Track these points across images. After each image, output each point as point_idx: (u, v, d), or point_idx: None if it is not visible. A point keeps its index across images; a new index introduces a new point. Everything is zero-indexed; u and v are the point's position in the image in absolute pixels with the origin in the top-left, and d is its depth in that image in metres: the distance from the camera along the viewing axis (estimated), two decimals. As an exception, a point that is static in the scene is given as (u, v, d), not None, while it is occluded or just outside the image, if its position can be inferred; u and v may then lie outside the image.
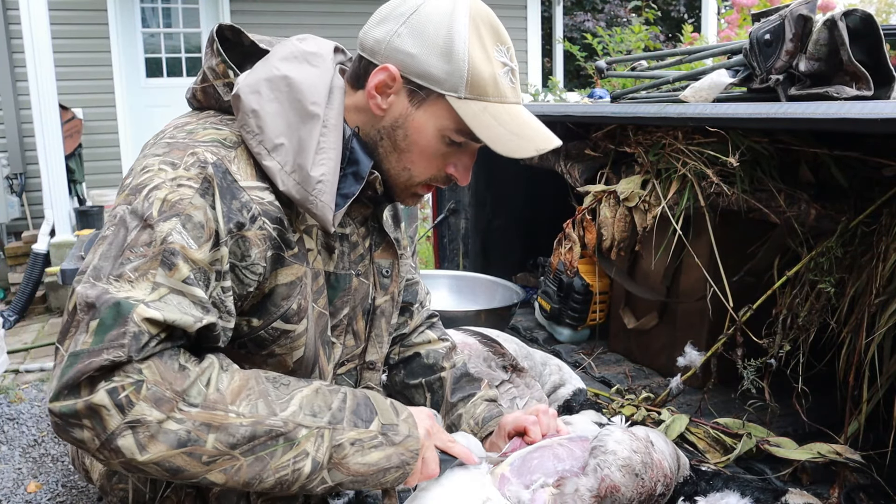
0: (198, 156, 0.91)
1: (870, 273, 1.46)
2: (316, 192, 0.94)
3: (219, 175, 0.90)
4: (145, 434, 0.80)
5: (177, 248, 0.85)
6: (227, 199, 0.90)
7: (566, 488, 1.06)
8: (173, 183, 0.89)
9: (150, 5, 6.85)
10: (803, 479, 1.39)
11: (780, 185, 1.65)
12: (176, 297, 0.84)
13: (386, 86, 0.99)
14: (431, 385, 1.36)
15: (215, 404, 0.84)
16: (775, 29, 1.46)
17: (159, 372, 0.81)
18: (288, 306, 0.99)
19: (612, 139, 2.09)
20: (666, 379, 1.85)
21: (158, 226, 0.86)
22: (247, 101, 0.94)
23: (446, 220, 2.69)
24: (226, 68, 1.01)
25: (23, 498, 2.65)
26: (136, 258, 0.85)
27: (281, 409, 0.88)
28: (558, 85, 5.21)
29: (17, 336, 4.56)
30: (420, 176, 1.05)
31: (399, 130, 1.01)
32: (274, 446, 0.87)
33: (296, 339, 1.02)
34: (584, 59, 4.97)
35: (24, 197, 6.10)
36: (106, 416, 0.79)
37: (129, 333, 0.80)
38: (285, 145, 0.94)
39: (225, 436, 0.84)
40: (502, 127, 0.98)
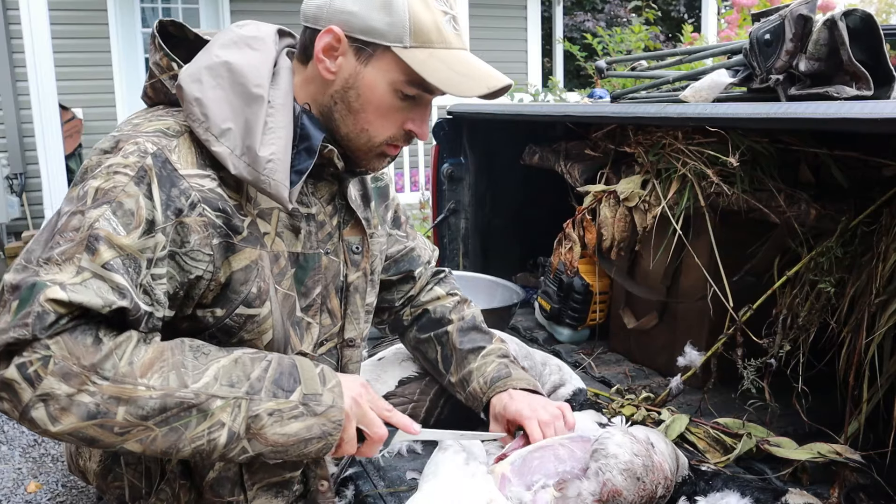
0: (139, 145, 0.94)
1: (870, 273, 1.46)
2: (267, 171, 0.96)
3: (158, 164, 0.92)
4: (56, 407, 0.84)
5: (101, 234, 0.88)
6: (165, 187, 0.92)
7: (568, 491, 1.06)
8: (108, 171, 0.92)
9: (150, 5, 6.85)
10: (803, 479, 1.39)
11: (780, 185, 1.65)
12: (96, 282, 0.86)
13: (332, 48, 1.00)
14: (440, 338, 1.38)
15: (125, 378, 0.86)
16: (775, 29, 1.46)
17: (67, 348, 0.84)
18: (248, 290, 1.00)
19: (612, 139, 2.09)
20: (666, 379, 1.85)
21: (88, 212, 0.89)
22: (189, 90, 0.96)
23: (446, 220, 2.69)
24: (169, 62, 1.03)
25: (23, 498, 2.65)
26: (64, 242, 0.88)
27: (193, 381, 0.90)
28: (558, 85, 5.22)
29: (17, 336, 4.56)
30: (379, 135, 1.06)
31: (351, 91, 1.02)
32: (187, 417, 0.89)
33: (262, 323, 1.03)
34: (584, 59, 4.97)
35: (24, 197, 6.10)
36: (18, 390, 0.83)
37: (33, 313, 0.83)
38: (232, 129, 0.95)
39: (134, 408, 0.86)
40: (451, 70, 0.99)
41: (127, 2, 6.59)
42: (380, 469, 1.43)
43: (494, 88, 1.01)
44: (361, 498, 1.36)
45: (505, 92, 1.05)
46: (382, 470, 1.42)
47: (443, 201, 2.68)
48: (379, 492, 1.35)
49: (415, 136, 1.08)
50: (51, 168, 5.01)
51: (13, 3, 5.81)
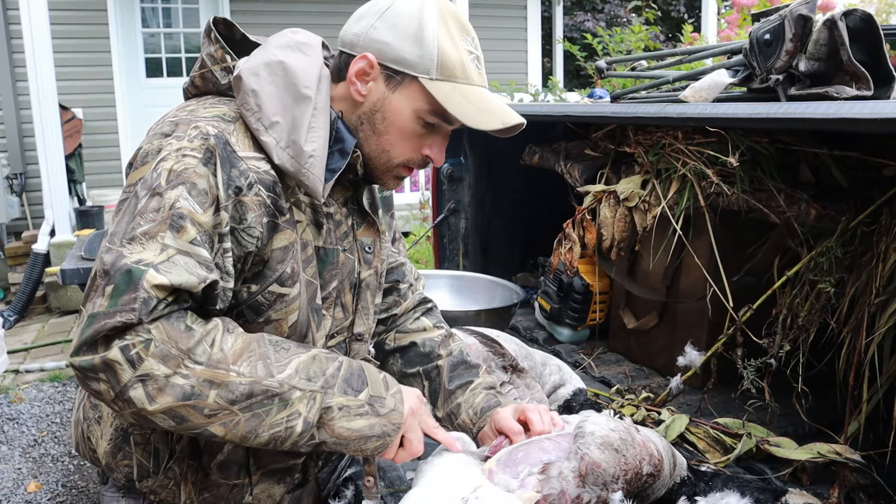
0: (200, 129, 1.00)
1: (870, 273, 1.46)
2: (308, 165, 1.04)
3: (220, 146, 0.99)
4: (154, 387, 0.89)
5: (184, 212, 0.94)
6: (226, 168, 0.98)
7: (551, 472, 1.08)
8: (178, 153, 0.97)
9: (150, 5, 6.85)
10: (803, 479, 1.39)
11: (780, 185, 1.65)
12: (183, 258, 0.92)
13: (364, 73, 1.08)
14: (429, 373, 1.39)
15: (218, 363, 0.92)
16: (775, 29, 1.46)
17: (166, 332, 0.89)
18: (283, 269, 1.06)
19: (612, 139, 2.09)
20: (666, 379, 1.85)
21: (166, 193, 0.94)
22: (247, 81, 1.03)
23: (446, 220, 2.69)
24: (223, 53, 1.10)
25: (23, 498, 2.65)
26: (146, 223, 0.93)
27: (278, 372, 0.96)
28: (558, 85, 5.21)
29: (17, 336, 4.56)
30: (398, 157, 1.14)
31: (378, 114, 1.10)
32: (269, 405, 0.95)
33: (290, 304, 1.09)
34: (584, 59, 4.97)
35: (24, 197, 6.10)
36: (119, 371, 0.87)
37: (139, 299, 0.88)
38: (280, 123, 1.03)
39: (225, 392, 0.92)
40: (470, 104, 1.08)
41: (127, 2, 6.59)
42: (380, 469, 1.43)
43: (508, 124, 1.11)
44: (361, 498, 1.36)
45: (518, 130, 1.14)
46: (382, 470, 1.42)
47: (443, 201, 2.68)
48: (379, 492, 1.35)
49: (431, 161, 1.17)
50: (51, 168, 5.01)
51: (13, 3, 5.81)
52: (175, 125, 1.02)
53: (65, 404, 3.52)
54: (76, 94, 6.15)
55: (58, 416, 3.38)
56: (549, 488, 1.06)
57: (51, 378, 3.80)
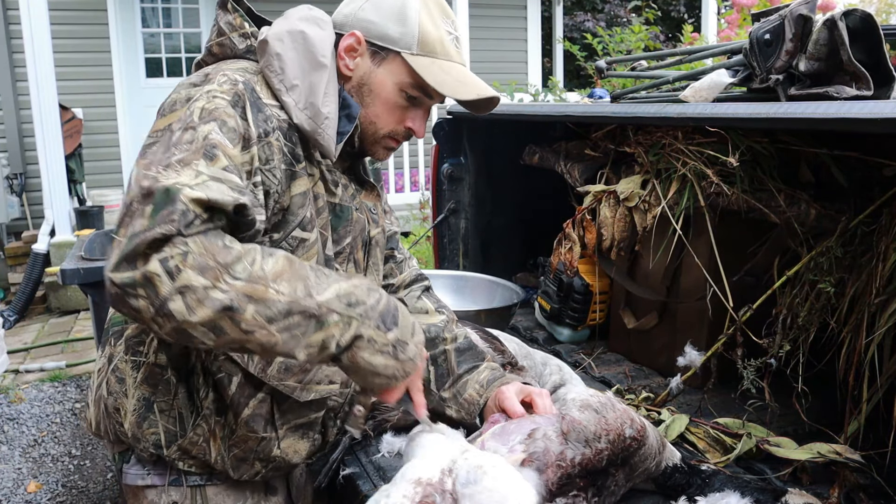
0: (228, 76, 1.08)
1: (870, 273, 1.46)
2: (324, 125, 1.13)
3: (248, 91, 1.07)
4: (193, 298, 0.89)
5: (216, 142, 0.99)
6: (254, 111, 1.06)
7: (536, 435, 1.12)
8: (209, 95, 1.04)
9: (150, 5, 6.85)
10: (803, 479, 1.39)
11: (780, 185, 1.65)
12: (216, 184, 0.96)
13: (353, 49, 1.18)
14: (435, 359, 1.42)
15: (257, 279, 0.93)
16: (775, 29, 1.46)
17: (203, 245, 0.91)
18: (303, 214, 1.14)
19: (612, 139, 2.09)
20: (666, 379, 1.85)
21: (199, 127, 1.00)
22: (273, 45, 1.12)
23: (446, 220, 2.69)
24: (242, 21, 1.19)
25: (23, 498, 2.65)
26: (180, 152, 0.97)
27: (317, 294, 0.97)
28: (558, 85, 5.21)
29: (17, 336, 4.56)
30: (384, 128, 1.23)
31: (364, 87, 1.20)
32: (306, 326, 0.96)
33: (310, 249, 1.16)
34: (584, 59, 4.97)
35: (24, 197, 6.10)
36: (158, 283, 0.89)
37: (177, 211, 0.91)
38: (299, 86, 1.12)
39: (263, 308, 0.93)
40: (448, 76, 1.17)
41: (127, 2, 6.59)
42: (379, 469, 1.43)
43: (483, 96, 1.19)
44: (361, 498, 1.36)
45: (494, 105, 1.23)
46: (382, 469, 1.42)
47: (443, 201, 2.68)
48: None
49: (413, 133, 1.25)
50: (51, 168, 5.00)
51: (13, 3, 5.81)
52: (205, 76, 1.10)
53: (65, 404, 3.52)
54: (76, 94, 6.15)
55: (58, 416, 3.38)
56: (534, 447, 1.10)
57: (51, 378, 3.80)
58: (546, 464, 1.09)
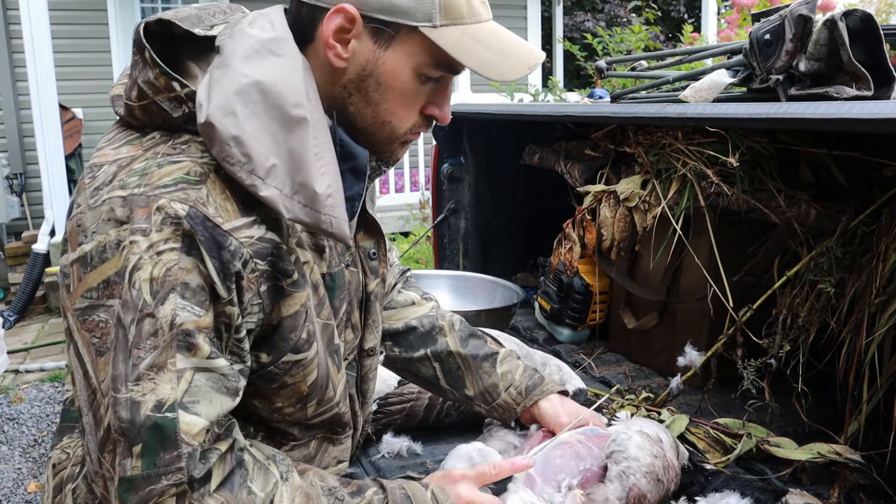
0: (165, 210, 0.79)
1: (870, 273, 1.46)
2: (328, 209, 0.84)
3: (198, 226, 0.79)
4: None
5: (188, 327, 0.78)
6: (214, 252, 0.80)
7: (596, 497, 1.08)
8: (151, 252, 0.78)
9: (150, 5, 6.85)
10: (803, 479, 1.39)
11: (780, 185, 1.65)
12: (203, 375, 0.80)
13: (344, 30, 0.86)
14: (438, 355, 1.32)
15: None
16: (775, 29, 1.46)
17: (230, 502, 0.81)
18: (297, 338, 0.92)
19: (612, 139, 2.09)
20: (666, 379, 1.85)
21: (158, 311, 0.78)
22: (223, 128, 0.80)
23: (446, 220, 2.69)
24: (168, 81, 0.85)
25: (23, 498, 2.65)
26: (146, 353, 0.77)
27: None
28: (558, 85, 5.21)
29: (17, 336, 4.55)
30: (402, 126, 0.94)
31: (369, 80, 0.89)
32: None
33: (307, 366, 0.96)
34: (584, 59, 4.97)
35: (24, 197, 6.10)
36: None
37: (183, 456, 0.77)
38: (277, 166, 0.81)
39: None
40: (487, 49, 0.87)
41: (127, 2, 6.59)
42: (379, 469, 1.43)
43: (535, 67, 0.92)
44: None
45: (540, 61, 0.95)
46: (382, 470, 1.42)
47: (443, 201, 2.68)
48: None
49: (436, 119, 0.97)
50: (51, 168, 5.00)
51: (13, 3, 5.81)
52: (128, 207, 0.80)
53: (65, 404, 3.52)
54: (76, 94, 6.15)
55: (58, 416, 3.38)
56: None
57: (51, 378, 3.80)
58: None
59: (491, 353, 1.32)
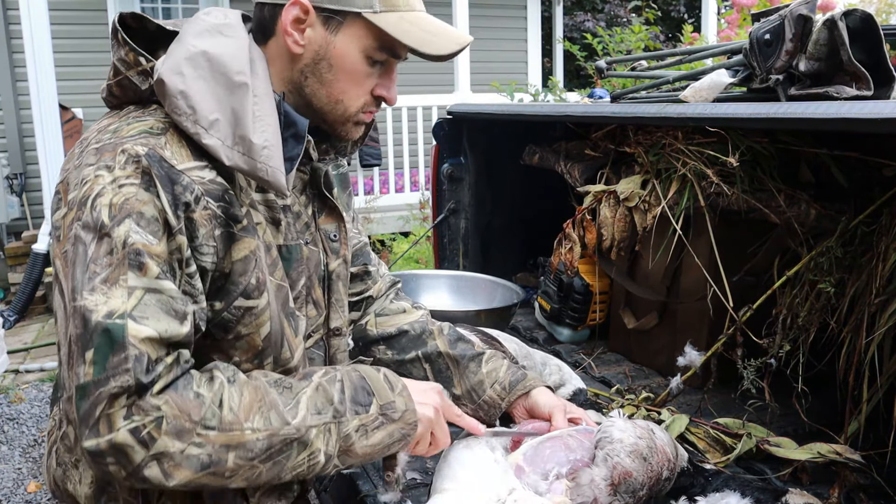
0: (128, 151, 0.90)
1: (870, 273, 1.46)
2: (263, 157, 0.95)
3: (154, 164, 0.90)
4: (170, 464, 0.84)
5: (139, 247, 0.86)
6: (167, 186, 0.90)
7: (581, 479, 1.09)
8: (114, 185, 0.89)
9: (150, 5, 6.85)
10: (803, 479, 1.39)
11: (780, 185, 1.65)
12: (153, 297, 0.86)
13: (299, 20, 1.00)
14: (429, 356, 1.36)
15: (231, 425, 0.88)
16: (775, 29, 1.46)
17: (177, 405, 0.85)
18: (247, 282, 0.99)
19: (612, 139, 2.09)
20: (666, 379, 1.85)
21: (114, 231, 0.86)
22: (171, 83, 0.93)
23: (446, 220, 2.69)
24: (136, 56, 0.99)
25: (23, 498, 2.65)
26: (102, 269, 0.85)
27: (292, 417, 0.93)
28: (558, 85, 5.21)
29: (17, 336, 4.55)
30: (353, 104, 1.07)
31: (322, 62, 1.03)
32: (289, 451, 0.93)
33: (259, 315, 1.01)
34: (584, 59, 4.97)
35: (24, 197, 6.10)
36: (131, 453, 0.83)
37: (130, 357, 0.82)
38: (220, 120, 0.94)
39: (244, 451, 0.89)
40: (421, 30, 1.02)
41: (127, 2, 6.59)
42: (380, 469, 1.43)
43: (462, 45, 1.04)
44: (361, 498, 1.36)
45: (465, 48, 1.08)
46: (382, 470, 1.42)
47: (443, 201, 2.68)
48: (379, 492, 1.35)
49: (384, 100, 1.09)
50: (51, 168, 5.00)
51: (13, 3, 5.81)
52: (99, 153, 0.92)
53: (65, 404, 3.51)
54: (76, 94, 6.15)
55: (58, 416, 3.39)
56: (583, 497, 1.08)
57: (51, 378, 3.80)
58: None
59: (477, 354, 1.36)
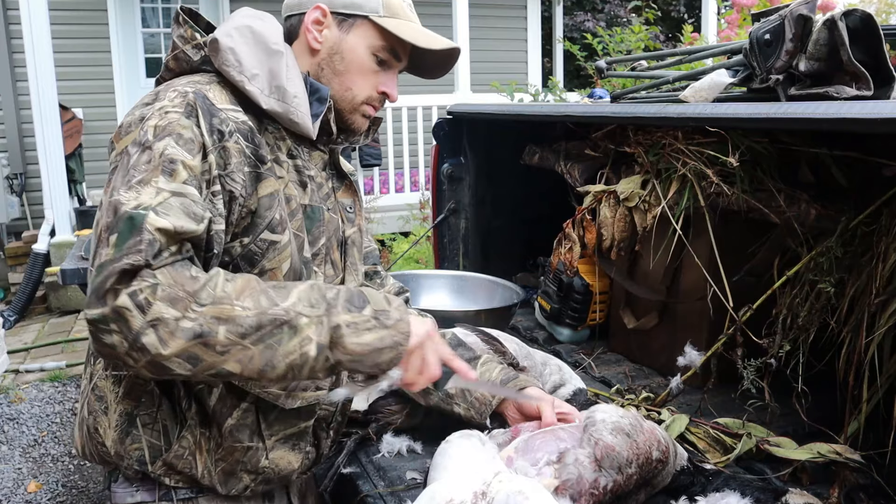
0: (178, 90, 1.07)
1: (870, 273, 1.46)
2: (295, 104, 1.14)
3: (199, 99, 1.06)
4: (165, 330, 0.90)
5: (173, 156, 0.99)
6: (207, 117, 1.05)
7: (567, 459, 1.11)
8: (161, 111, 1.04)
9: (150, 5, 6.85)
10: (803, 479, 1.39)
11: (780, 185, 1.65)
12: (177, 199, 0.97)
13: (319, 21, 1.20)
14: None
15: (222, 300, 0.94)
16: (775, 29, 1.46)
17: (172, 276, 0.92)
18: (271, 216, 1.11)
19: (612, 139, 2.09)
20: (666, 379, 1.85)
21: (155, 145, 1.00)
22: (224, 41, 1.12)
23: (446, 220, 2.69)
24: (193, 32, 1.18)
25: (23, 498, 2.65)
26: (139, 173, 0.98)
27: (281, 301, 0.98)
28: (558, 85, 5.22)
29: (17, 336, 4.56)
30: (360, 94, 1.24)
31: (336, 56, 1.21)
32: (280, 334, 0.97)
33: (282, 251, 1.13)
34: (584, 59, 4.97)
35: (24, 197, 6.10)
36: (130, 318, 0.89)
37: (144, 241, 0.91)
38: (259, 75, 1.13)
39: (234, 326, 0.94)
40: (417, 31, 1.22)
41: (127, 2, 6.59)
42: (380, 469, 1.43)
43: (450, 46, 1.24)
44: (361, 498, 1.36)
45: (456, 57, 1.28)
46: (382, 470, 1.42)
47: (443, 201, 2.68)
48: (379, 492, 1.36)
49: (387, 97, 1.26)
50: (51, 168, 5.01)
51: (13, 3, 5.81)
52: (153, 95, 1.10)
53: (65, 404, 3.52)
54: (76, 94, 6.16)
55: (58, 416, 3.38)
56: (567, 474, 1.09)
57: (51, 378, 3.80)
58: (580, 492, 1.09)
59: (473, 358, 1.41)
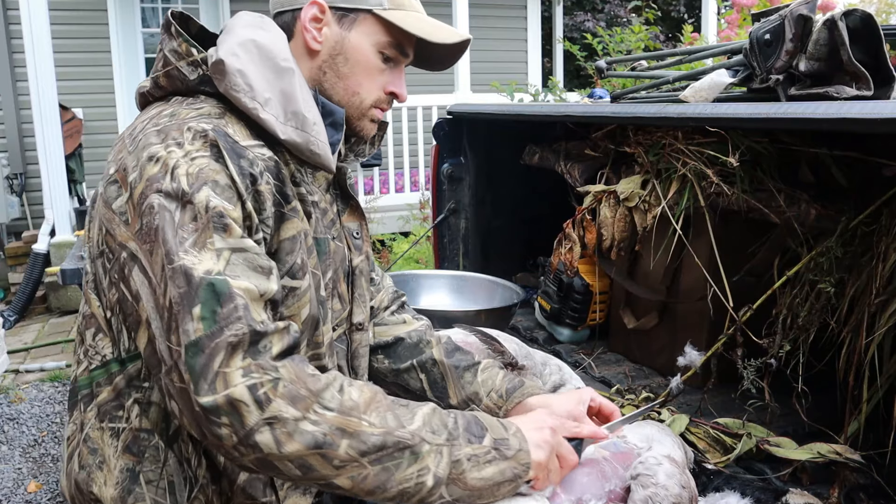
0: (194, 129, 0.94)
1: (870, 273, 1.46)
2: (315, 133, 1.03)
3: (221, 138, 0.94)
4: (283, 431, 0.83)
5: (220, 209, 0.90)
6: (235, 159, 0.94)
7: None
8: (186, 158, 0.92)
9: (150, 5, 6.85)
10: (803, 479, 1.39)
11: (780, 185, 1.65)
12: (239, 256, 0.89)
13: (317, 19, 1.08)
14: (423, 364, 1.35)
15: (350, 411, 0.88)
16: (775, 29, 1.46)
17: (294, 372, 0.85)
18: (293, 261, 1.02)
19: (612, 139, 2.09)
20: (666, 379, 1.85)
21: (195, 197, 0.89)
22: (231, 62, 0.99)
23: (446, 220, 2.69)
24: (188, 47, 1.04)
25: (23, 498, 2.64)
26: (189, 234, 0.88)
27: (408, 423, 0.92)
28: (558, 85, 5.21)
29: (17, 336, 4.55)
30: (368, 97, 1.13)
31: (339, 57, 1.10)
32: (400, 458, 0.89)
33: (301, 297, 1.04)
34: (584, 59, 4.97)
35: (24, 197, 6.10)
36: (245, 412, 0.82)
37: (240, 307, 0.84)
38: (272, 99, 1.00)
39: (357, 442, 0.87)
40: (425, 24, 1.11)
41: (127, 2, 6.59)
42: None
43: (462, 38, 1.14)
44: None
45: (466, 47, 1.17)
46: None
47: (443, 201, 2.68)
48: None
49: (396, 97, 1.16)
50: (51, 168, 5.00)
51: (13, 3, 5.81)
52: (162, 133, 0.95)
53: (65, 404, 3.51)
54: (76, 94, 6.15)
55: (58, 416, 3.38)
56: None
57: (51, 378, 3.80)
58: None
59: (473, 364, 1.35)
